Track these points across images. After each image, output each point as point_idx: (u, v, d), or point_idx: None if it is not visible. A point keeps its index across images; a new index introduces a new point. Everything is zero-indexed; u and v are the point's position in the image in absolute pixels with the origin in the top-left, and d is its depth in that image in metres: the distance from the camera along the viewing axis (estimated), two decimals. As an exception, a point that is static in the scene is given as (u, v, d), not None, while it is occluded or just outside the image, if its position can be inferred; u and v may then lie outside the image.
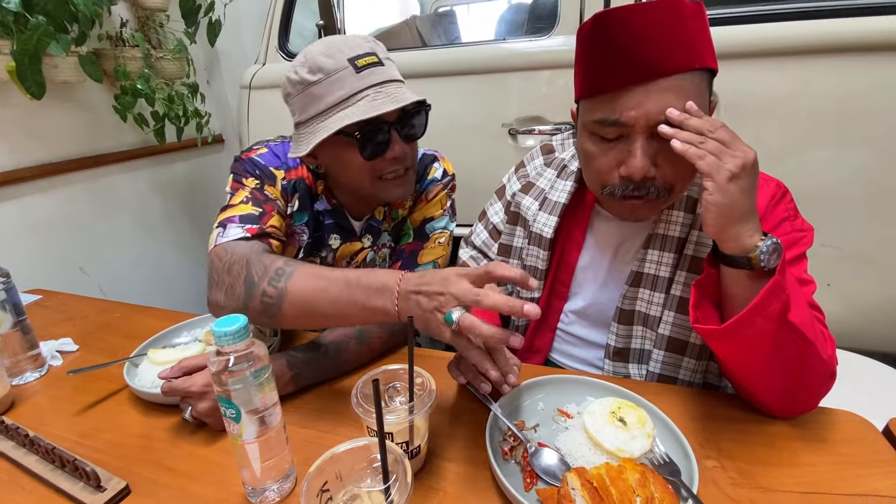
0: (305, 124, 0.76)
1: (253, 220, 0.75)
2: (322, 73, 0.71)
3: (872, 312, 1.34)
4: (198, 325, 0.90)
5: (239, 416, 0.49)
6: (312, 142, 0.73)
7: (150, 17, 1.77)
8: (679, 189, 0.66)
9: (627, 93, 0.60)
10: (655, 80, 0.58)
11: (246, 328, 0.48)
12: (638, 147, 0.61)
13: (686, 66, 0.59)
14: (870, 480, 0.53)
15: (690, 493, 0.49)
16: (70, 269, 1.63)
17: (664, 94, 0.58)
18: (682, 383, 0.75)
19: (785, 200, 0.70)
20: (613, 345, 0.79)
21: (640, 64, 0.58)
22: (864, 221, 1.26)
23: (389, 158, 0.77)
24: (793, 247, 0.68)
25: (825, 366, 0.58)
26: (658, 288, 0.74)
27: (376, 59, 0.74)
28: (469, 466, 0.58)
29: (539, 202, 0.84)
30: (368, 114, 0.70)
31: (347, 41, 0.74)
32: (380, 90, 0.72)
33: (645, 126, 0.60)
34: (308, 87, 0.73)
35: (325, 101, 0.72)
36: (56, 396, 0.76)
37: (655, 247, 0.74)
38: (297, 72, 0.73)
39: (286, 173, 0.84)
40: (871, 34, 1.11)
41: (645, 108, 0.59)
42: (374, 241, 0.94)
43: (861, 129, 1.18)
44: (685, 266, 0.72)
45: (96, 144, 1.67)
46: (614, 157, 0.65)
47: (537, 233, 0.83)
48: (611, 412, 0.58)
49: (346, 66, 0.71)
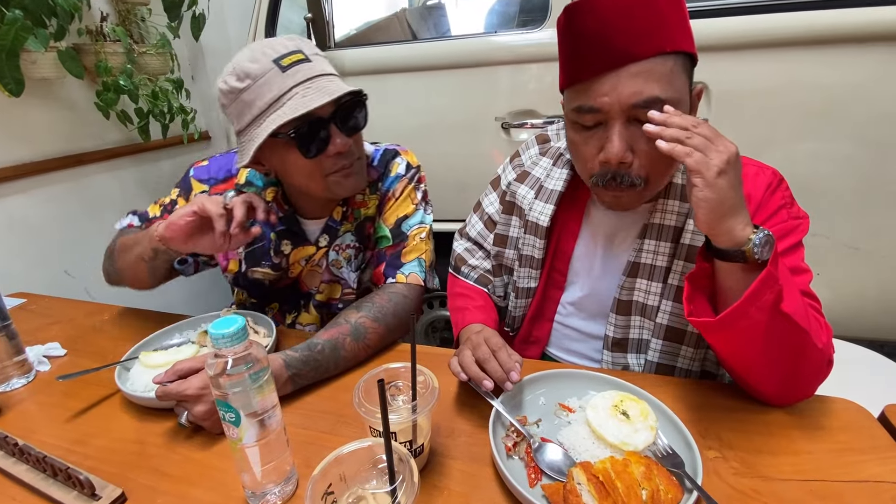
0: (244, 132, 0.75)
1: (144, 218, 0.93)
2: (249, 78, 0.71)
3: (860, 300, 1.36)
4: (190, 326, 0.88)
5: (238, 420, 0.47)
6: (251, 149, 0.72)
7: (131, 11, 1.71)
8: (655, 178, 0.66)
9: (599, 80, 0.61)
10: (626, 65, 0.59)
11: (244, 330, 0.46)
12: (615, 133, 0.62)
13: (656, 50, 0.59)
14: (868, 466, 0.54)
15: (695, 484, 0.49)
16: (54, 271, 1.59)
17: (635, 79, 0.59)
18: (679, 372, 0.76)
19: (781, 188, 0.71)
20: (612, 335, 0.79)
21: (610, 51, 0.59)
22: (852, 211, 1.28)
23: (333, 154, 0.75)
24: (790, 234, 0.68)
25: (820, 354, 0.59)
26: (655, 277, 0.74)
27: (302, 56, 0.73)
28: (472, 464, 0.58)
29: (535, 191, 0.84)
30: (298, 111, 0.69)
31: (271, 43, 0.73)
32: (309, 86, 0.71)
33: (619, 111, 0.61)
34: (239, 95, 0.72)
35: (257, 106, 0.72)
36: (45, 403, 0.74)
37: (652, 236, 0.74)
38: (226, 81, 0.73)
39: (210, 188, 0.91)
40: (858, 25, 1.12)
41: (617, 92, 0.60)
42: (332, 240, 0.92)
43: (848, 120, 1.20)
44: (682, 255, 0.72)
45: (78, 143, 1.62)
46: (594, 145, 0.66)
47: (533, 221, 0.82)
48: (613, 405, 0.58)
49: (272, 67, 0.71)
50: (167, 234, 0.73)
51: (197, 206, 0.71)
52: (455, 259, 0.98)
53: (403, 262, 0.89)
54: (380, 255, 0.92)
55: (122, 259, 0.86)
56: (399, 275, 0.88)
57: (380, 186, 0.92)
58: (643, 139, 0.61)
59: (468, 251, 0.97)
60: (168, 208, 0.93)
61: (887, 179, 1.23)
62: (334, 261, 0.94)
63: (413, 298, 0.88)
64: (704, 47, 1.22)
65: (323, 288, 0.97)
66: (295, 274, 0.96)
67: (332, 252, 0.93)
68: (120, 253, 0.86)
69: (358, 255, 0.94)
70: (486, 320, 0.83)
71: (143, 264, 0.82)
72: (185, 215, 0.72)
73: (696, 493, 0.48)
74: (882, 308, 1.36)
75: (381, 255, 0.91)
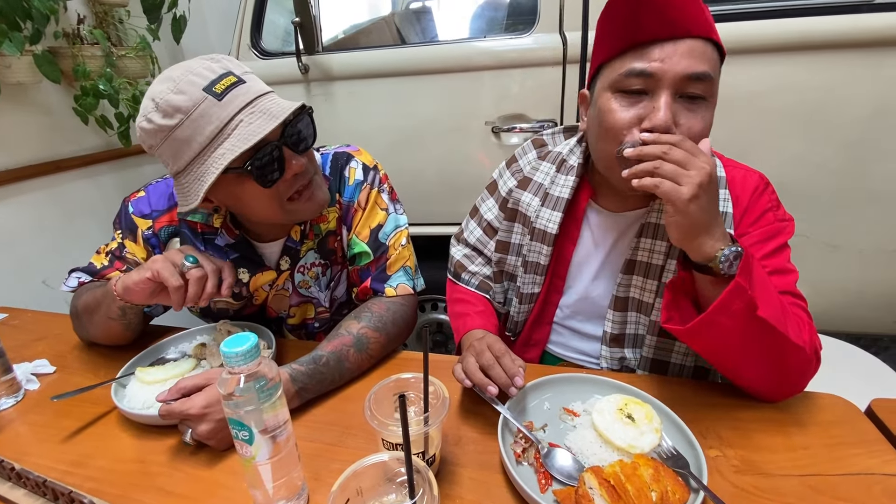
0: (184, 173, 0.67)
1: (92, 272, 0.85)
2: (180, 112, 0.63)
3: (838, 295, 1.42)
4: (185, 339, 0.86)
5: (252, 438, 0.47)
6: (199, 191, 0.65)
7: (109, 13, 1.67)
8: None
9: (657, 45, 0.63)
10: (683, 38, 0.62)
11: (256, 348, 0.46)
12: (663, 101, 0.63)
13: (705, 33, 0.63)
14: (860, 460, 0.57)
15: (701, 484, 0.51)
16: (32, 282, 1.54)
17: (691, 52, 0.62)
18: (674, 368, 0.78)
19: (767, 192, 0.74)
20: (610, 332, 0.81)
21: (672, 22, 0.62)
22: (830, 211, 1.33)
23: (290, 178, 0.70)
24: (776, 237, 0.71)
25: (802, 352, 0.61)
26: (651, 275, 0.76)
27: (235, 79, 0.65)
28: (482, 471, 0.58)
29: (540, 198, 0.84)
30: (251, 141, 0.63)
31: (194, 69, 0.65)
32: (251, 111, 0.65)
33: (672, 80, 0.62)
34: (170, 133, 0.64)
35: (197, 143, 0.64)
36: (36, 423, 0.71)
37: (648, 235, 0.76)
38: (150, 120, 0.64)
39: (153, 222, 0.84)
40: (839, 32, 1.17)
41: (673, 61, 0.62)
42: (294, 262, 0.87)
43: (826, 123, 1.25)
44: (676, 255, 0.74)
45: (56, 149, 1.57)
46: (635, 113, 0.65)
47: (541, 229, 0.82)
48: (618, 409, 0.60)
49: (205, 97, 0.63)
50: (126, 296, 0.70)
51: (151, 272, 0.66)
52: (454, 265, 0.97)
53: (389, 274, 0.88)
54: (363, 271, 0.89)
55: (92, 322, 0.81)
56: (388, 288, 0.87)
57: (338, 197, 0.87)
58: (689, 117, 0.64)
59: (467, 257, 0.96)
60: (116, 254, 0.85)
61: (861, 179, 1.28)
62: (301, 282, 0.90)
63: (409, 306, 0.88)
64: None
65: (294, 311, 0.94)
66: (260, 300, 0.91)
67: (298, 274, 0.89)
68: (86, 316, 0.81)
69: (325, 271, 0.91)
70: (488, 326, 0.83)
71: (115, 323, 0.78)
72: (139, 281, 0.67)
73: (703, 493, 0.50)
74: (858, 302, 1.42)
75: (365, 272, 0.88)
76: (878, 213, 1.31)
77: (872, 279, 1.38)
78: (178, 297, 0.67)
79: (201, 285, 0.68)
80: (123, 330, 0.81)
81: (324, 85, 1.53)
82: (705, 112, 0.65)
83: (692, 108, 0.64)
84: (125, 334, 0.83)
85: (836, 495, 0.52)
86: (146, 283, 0.67)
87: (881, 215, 1.31)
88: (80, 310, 0.82)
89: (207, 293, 0.69)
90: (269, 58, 1.59)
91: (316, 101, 1.54)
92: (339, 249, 0.91)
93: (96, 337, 0.85)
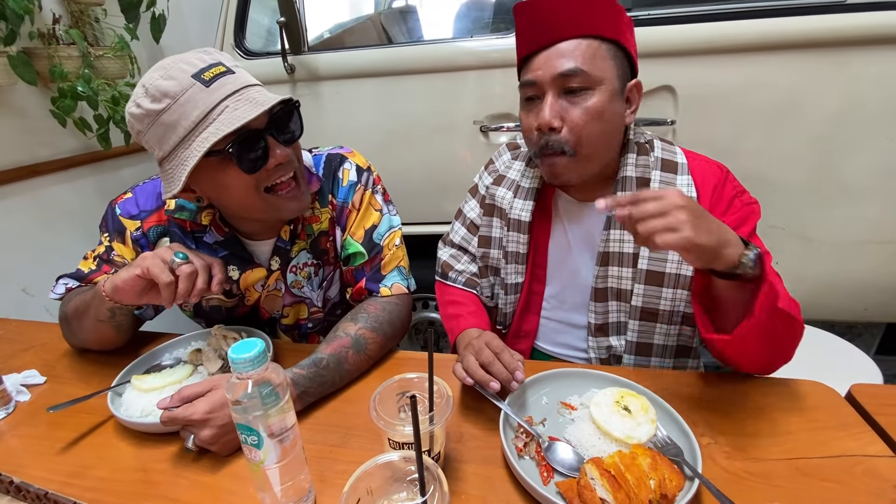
0: (168, 158, 0.68)
1: (80, 277, 0.84)
2: (168, 97, 0.64)
3: (811, 285, 1.48)
4: (179, 345, 0.86)
5: (261, 443, 0.47)
6: (182, 175, 0.66)
7: (84, 12, 1.62)
8: (585, 148, 0.73)
9: (535, 57, 0.73)
10: (556, 42, 0.71)
11: (264, 354, 0.46)
12: (546, 102, 0.72)
13: (579, 31, 0.71)
14: (841, 443, 0.60)
15: (695, 471, 0.53)
16: (10, 290, 1.49)
17: (562, 54, 0.71)
18: (657, 348, 0.82)
19: (730, 180, 0.79)
20: (594, 322, 0.84)
21: (544, 31, 0.72)
22: (803, 204, 1.38)
23: (272, 168, 0.71)
24: (747, 220, 0.75)
25: (802, 327, 0.66)
26: (625, 264, 0.80)
27: (224, 69, 0.67)
28: (485, 466, 0.60)
29: (513, 191, 0.89)
30: (234, 125, 0.64)
31: (186, 58, 0.67)
32: (238, 98, 0.66)
33: (549, 81, 0.71)
34: (157, 118, 0.65)
35: (182, 127, 0.65)
36: (29, 435, 0.70)
37: (616, 227, 0.80)
38: (139, 105, 0.65)
39: (142, 222, 0.83)
40: (812, 32, 1.21)
41: (548, 65, 0.71)
42: (284, 262, 0.88)
43: (800, 120, 1.29)
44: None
45: (32, 153, 1.52)
46: (534, 117, 0.75)
47: (516, 218, 0.87)
48: (615, 402, 0.62)
49: (193, 83, 0.64)
50: (116, 296, 0.69)
51: (141, 269, 0.65)
52: (441, 266, 1.00)
53: (384, 274, 0.89)
54: (357, 271, 0.89)
55: (81, 327, 0.79)
56: (383, 288, 0.88)
57: (331, 198, 0.87)
58: (572, 109, 0.72)
59: (453, 257, 1.00)
60: (104, 258, 0.84)
61: (833, 174, 1.34)
62: (294, 282, 0.90)
63: (404, 305, 0.89)
64: (670, 52, 1.30)
65: (287, 311, 0.94)
66: (252, 300, 0.91)
67: (290, 274, 0.89)
68: (75, 321, 0.80)
69: (318, 272, 0.92)
70: (481, 324, 0.86)
71: (105, 325, 0.77)
72: (128, 279, 0.66)
73: (697, 480, 0.52)
74: (831, 291, 1.48)
75: (360, 272, 0.89)
76: (847, 207, 1.37)
77: (844, 269, 1.44)
78: (169, 294, 0.67)
79: (191, 281, 0.68)
80: (114, 333, 0.81)
81: (310, 85, 1.52)
82: (589, 99, 0.72)
83: (575, 100, 0.72)
84: (116, 337, 0.82)
85: (821, 476, 0.55)
86: (135, 281, 0.66)
87: (851, 209, 1.36)
88: (69, 315, 0.81)
89: (198, 289, 0.68)
90: (253, 58, 1.57)
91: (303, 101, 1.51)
92: (332, 250, 0.92)
93: (87, 342, 0.84)
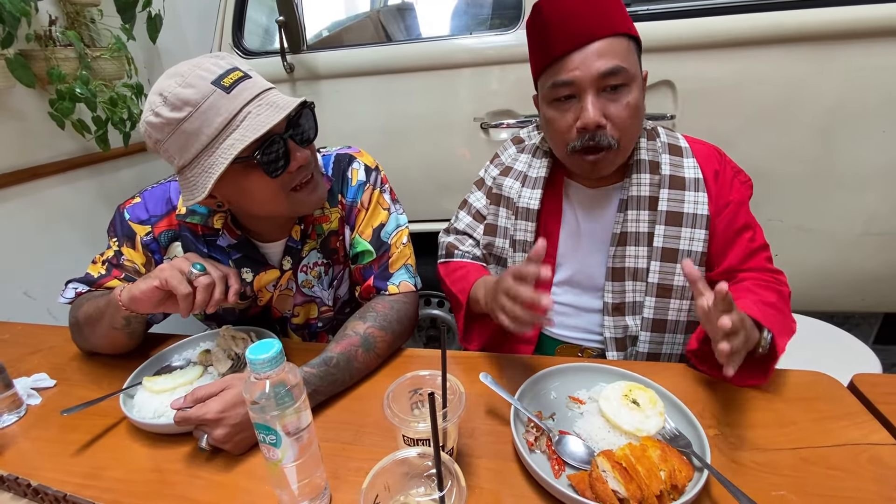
0: (190, 166, 0.68)
1: (89, 282, 0.83)
2: (189, 105, 0.64)
3: (810, 276, 1.50)
4: (188, 346, 0.86)
5: (279, 442, 0.48)
6: (208, 183, 0.66)
7: (80, 13, 1.61)
8: (626, 140, 0.77)
9: (570, 57, 0.73)
10: (589, 43, 0.72)
11: (281, 354, 0.47)
12: (588, 101, 0.73)
13: (613, 30, 0.72)
14: (845, 432, 0.61)
15: (704, 462, 0.54)
16: (12, 294, 1.49)
17: (600, 53, 0.72)
18: (671, 324, 0.84)
19: (727, 160, 0.85)
20: (611, 302, 0.86)
21: (576, 32, 0.72)
22: (803, 196, 1.40)
23: (294, 170, 0.72)
24: (747, 197, 0.83)
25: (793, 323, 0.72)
26: (641, 243, 0.83)
27: (241, 74, 0.68)
28: (497, 460, 0.61)
29: (520, 181, 0.91)
30: (260, 131, 0.64)
31: (202, 65, 0.66)
32: (259, 103, 0.67)
33: (590, 82, 0.72)
34: (179, 126, 0.65)
35: (205, 134, 0.65)
36: (42, 438, 0.70)
37: (632, 207, 0.83)
38: (158, 113, 0.65)
39: (152, 227, 0.84)
40: (807, 25, 1.22)
41: (586, 66, 0.72)
42: (296, 262, 0.89)
43: (797, 113, 1.30)
44: (662, 220, 0.82)
45: (32, 155, 1.52)
46: (571, 116, 0.76)
47: (524, 206, 0.89)
48: (623, 395, 0.63)
49: (213, 90, 0.65)
50: (132, 306, 0.69)
51: (159, 280, 0.66)
52: (445, 248, 1.00)
53: (392, 272, 0.89)
54: (365, 269, 0.90)
55: (94, 333, 0.80)
56: (391, 286, 0.88)
57: (341, 198, 0.88)
58: (612, 106, 0.74)
59: (457, 240, 1.00)
60: (114, 262, 0.84)
61: (831, 167, 1.35)
62: (304, 281, 0.91)
63: (411, 303, 0.90)
64: (669, 47, 1.30)
65: (298, 311, 0.95)
66: (264, 301, 0.92)
67: (301, 273, 0.90)
68: (88, 327, 0.80)
69: (328, 271, 0.93)
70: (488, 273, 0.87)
71: (118, 332, 0.78)
72: (147, 290, 0.67)
73: (706, 470, 0.53)
74: (829, 282, 1.50)
75: (368, 270, 0.90)
76: (844, 199, 1.38)
77: (841, 260, 1.46)
78: (187, 305, 0.68)
79: (209, 292, 0.69)
80: (127, 339, 0.81)
81: (310, 84, 1.52)
82: (628, 95, 0.74)
83: (615, 97, 0.74)
84: (129, 343, 0.83)
85: (827, 465, 0.56)
86: (154, 292, 0.67)
87: (847, 200, 1.38)
88: (80, 321, 0.81)
89: (215, 300, 0.69)
90: (251, 57, 1.57)
91: (302, 101, 1.52)
92: (342, 249, 0.93)
93: (99, 347, 0.84)
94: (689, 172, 0.82)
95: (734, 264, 0.81)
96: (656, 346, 0.84)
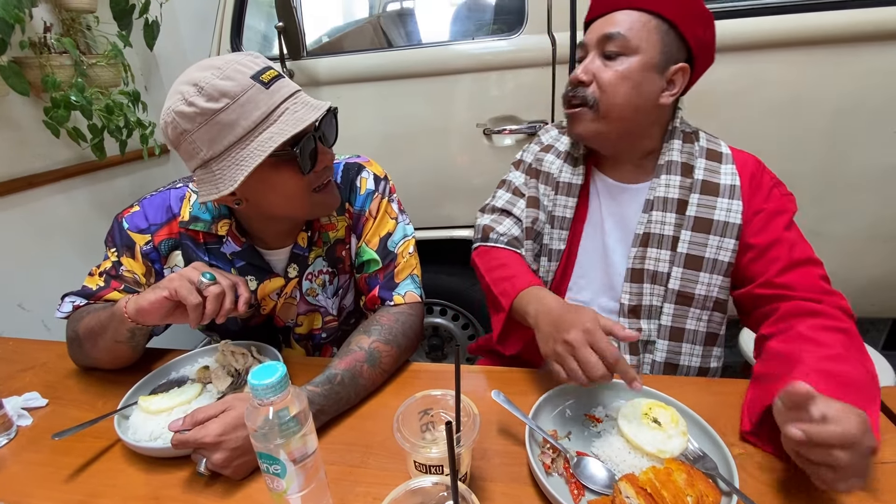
0: (218, 159, 0.66)
1: (87, 295, 0.81)
2: (227, 97, 0.63)
3: (825, 281, 1.47)
4: (185, 362, 0.83)
5: (284, 471, 0.45)
6: (239, 176, 0.64)
7: (76, 20, 1.59)
8: (607, 103, 0.76)
9: (595, 23, 0.78)
10: (611, 12, 0.76)
11: (286, 378, 0.44)
12: (586, 60, 0.78)
13: (635, 5, 0.74)
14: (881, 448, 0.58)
15: (732, 486, 0.52)
16: (6, 305, 1.45)
17: (610, 22, 0.75)
18: (689, 333, 0.81)
19: (766, 170, 0.82)
20: (627, 303, 0.84)
21: (604, 2, 0.77)
22: (811, 200, 1.37)
23: (321, 169, 0.73)
24: (785, 210, 0.78)
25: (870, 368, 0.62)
26: (664, 246, 0.81)
27: (277, 73, 0.68)
28: (513, 484, 0.58)
29: (562, 158, 0.91)
30: (299, 126, 0.65)
31: (241, 60, 0.66)
32: (295, 101, 0.68)
33: (594, 44, 0.77)
34: (214, 116, 0.63)
35: (241, 127, 0.64)
36: (33, 462, 0.67)
37: (658, 208, 0.81)
38: (192, 103, 0.63)
39: (152, 236, 0.81)
40: (820, 29, 1.20)
41: (596, 29, 0.77)
42: (302, 269, 0.87)
43: (809, 116, 1.29)
44: (690, 226, 0.79)
45: (26, 165, 1.48)
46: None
47: (566, 181, 0.88)
48: (643, 414, 0.60)
49: (253, 84, 0.64)
50: (139, 317, 0.67)
51: (168, 291, 0.65)
52: (481, 230, 0.95)
53: (397, 282, 0.87)
54: (370, 278, 0.88)
55: (95, 347, 0.77)
56: (396, 296, 0.86)
57: (348, 207, 0.87)
58: (605, 70, 0.76)
59: (494, 221, 0.95)
60: (112, 274, 0.82)
61: (841, 169, 1.33)
62: (309, 290, 0.89)
63: (416, 315, 0.87)
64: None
65: (302, 320, 0.93)
66: (268, 309, 0.90)
67: (306, 281, 0.88)
68: (88, 341, 0.77)
69: (333, 280, 0.91)
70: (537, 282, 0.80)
71: (122, 345, 0.76)
72: (155, 301, 0.65)
73: (735, 496, 0.51)
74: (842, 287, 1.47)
75: (373, 279, 0.88)
76: (855, 203, 1.36)
77: (853, 265, 1.44)
78: (196, 315, 0.66)
79: (219, 302, 0.67)
80: (131, 352, 0.79)
81: (310, 90, 1.49)
82: (623, 63, 0.75)
83: (608, 63, 0.76)
84: (131, 356, 0.81)
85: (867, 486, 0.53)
86: (163, 303, 0.65)
87: (859, 204, 1.36)
88: (80, 335, 0.78)
89: (225, 309, 0.68)
90: (250, 63, 1.54)
91: (301, 107, 1.50)
92: (347, 258, 0.91)
93: (99, 361, 0.81)
94: (726, 179, 0.79)
95: (770, 276, 0.75)
96: (674, 356, 0.82)
